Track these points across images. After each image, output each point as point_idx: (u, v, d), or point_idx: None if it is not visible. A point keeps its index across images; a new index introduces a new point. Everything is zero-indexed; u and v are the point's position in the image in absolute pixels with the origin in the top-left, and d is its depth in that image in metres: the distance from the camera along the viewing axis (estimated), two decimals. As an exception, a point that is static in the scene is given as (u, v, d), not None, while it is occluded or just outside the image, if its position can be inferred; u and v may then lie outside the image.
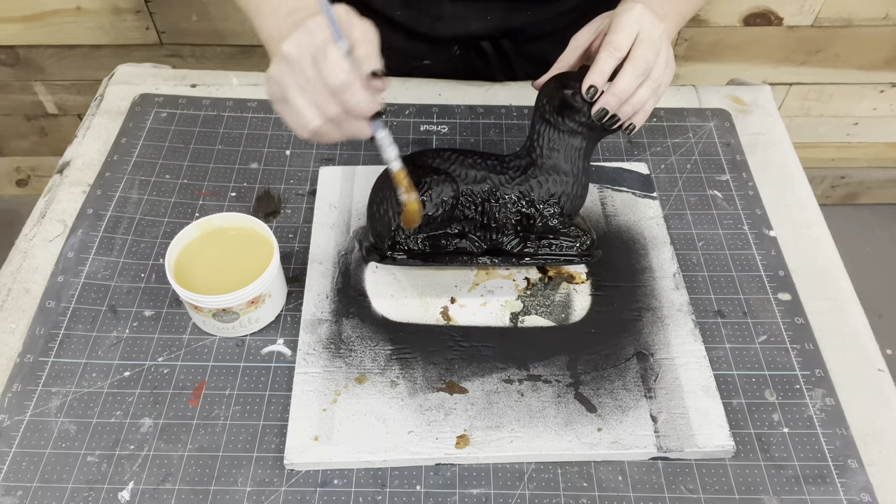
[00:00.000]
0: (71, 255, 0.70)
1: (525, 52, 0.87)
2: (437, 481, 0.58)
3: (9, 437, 0.59)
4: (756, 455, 0.59)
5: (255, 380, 0.63)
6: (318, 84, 0.51)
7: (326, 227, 0.72)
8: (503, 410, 0.60)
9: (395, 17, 0.84)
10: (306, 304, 0.66)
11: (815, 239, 0.74)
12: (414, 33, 0.85)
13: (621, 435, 0.59)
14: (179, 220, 0.73)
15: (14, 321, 0.65)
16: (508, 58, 0.87)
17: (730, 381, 0.63)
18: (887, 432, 0.61)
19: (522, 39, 0.86)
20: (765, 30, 1.40)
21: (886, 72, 1.50)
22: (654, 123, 0.84)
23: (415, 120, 0.84)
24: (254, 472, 0.58)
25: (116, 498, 0.56)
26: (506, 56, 0.87)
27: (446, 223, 0.65)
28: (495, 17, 0.82)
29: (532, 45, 0.87)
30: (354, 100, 0.51)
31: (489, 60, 0.87)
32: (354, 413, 0.60)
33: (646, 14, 0.58)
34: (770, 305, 0.68)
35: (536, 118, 0.63)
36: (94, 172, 0.77)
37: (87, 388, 0.62)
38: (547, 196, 0.64)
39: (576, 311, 0.67)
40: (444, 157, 0.64)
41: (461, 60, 0.88)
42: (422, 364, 0.63)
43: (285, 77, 0.52)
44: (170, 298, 0.67)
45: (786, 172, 0.80)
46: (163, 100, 0.85)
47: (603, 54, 0.58)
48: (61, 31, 1.37)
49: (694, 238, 0.74)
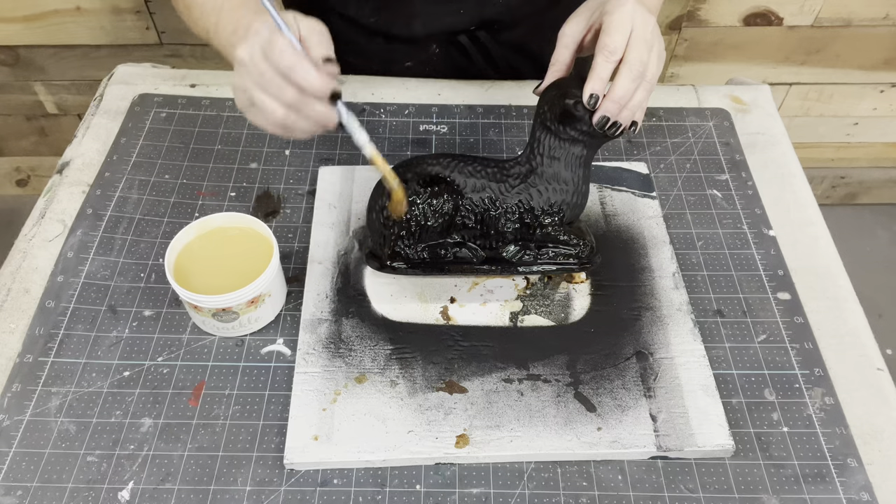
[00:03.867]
0: (70, 254, 0.70)
1: (504, 42, 0.87)
2: (436, 481, 0.58)
3: (8, 436, 0.59)
4: (755, 454, 0.59)
5: (255, 379, 0.63)
6: (272, 73, 0.53)
7: (326, 227, 0.72)
8: (503, 410, 0.60)
9: (370, 24, 0.84)
10: (306, 304, 0.66)
11: (814, 238, 0.74)
12: (391, 36, 0.85)
13: (621, 434, 0.59)
14: (179, 219, 0.74)
15: (14, 321, 0.65)
16: (488, 50, 0.87)
17: (729, 381, 0.63)
18: (886, 431, 0.61)
19: (499, 29, 0.86)
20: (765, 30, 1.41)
21: (886, 72, 1.50)
22: (654, 123, 0.84)
23: (414, 120, 0.84)
24: (253, 471, 0.58)
25: (116, 498, 0.56)
26: (485, 48, 0.87)
27: (446, 233, 0.65)
28: (468, 10, 0.82)
29: (509, 34, 0.87)
30: (307, 79, 0.53)
31: (470, 55, 0.87)
32: (354, 413, 0.60)
33: (637, 10, 0.57)
34: (769, 305, 0.68)
35: (537, 125, 0.63)
36: (94, 172, 0.77)
37: (87, 388, 0.62)
38: (547, 205, 0.64)
39: (575, 310, 0.67)
40: (443, 163, 0.64)
41: (442, 59, 0.88)
42: (421, 364, 0.63)
43: (244, 79, 0.55)
44: (169, 298, 0.67)
45: (785, 172, 0.80)
46: (162, 100, 0.85)
47: (600, 59, 0.57)
48: (61, 31, 1.38)
49: (693, 237, 0.74)
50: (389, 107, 0.85)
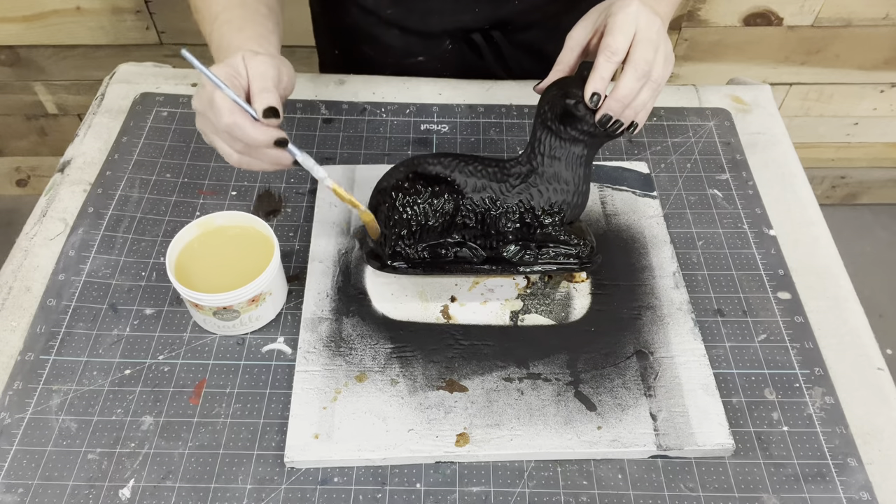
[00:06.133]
0: (72, 253, 0.70)
1: (517, 43, 0.87)
2: (436, 479, 0.58)
3: (10, 434, 0.59)
4: (755, 453, 0.59)
5: (256, 378, 0.63)
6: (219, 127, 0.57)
7: (327, 226, 0.72)
8: (503, 409, 0.60)
9: (387, 16, 0.85)
10: (307, 303, 0.66)
11: (814, 238, 0.74)
12: (406, 29, 0.86)
13: (621, 433, 0.59)
14: (180, 218, 0.74)
15: (15, 319, 0.65)
16: (501, 50, 0.87)
17: (729, 380, 0.63)
18: (887, 431, 0.61)
19: (513, 30, 0.86)
20: (765, 30, 1.41)
21: (886, 72, 1.50)
22: (655, 123, 0.84)
23: (415, 119, 0.84)
24: (254, 469, 0.58)
25: (117, 495, 0.56)
26: (498, 48, 0.87)
27: (446, 232, 0.65)
28: (483, 9, 0.83)
29: (523, 35, 0.87)
30: (247, 136, 0.57)
31: (482, 53, 0.87)
32: (355, 411, 0.60)
33: (642, 11, 0.57)
34: (770, 304, 0.69)
35: (538, 125, 0.63)
36: (95, 171, 0.77)
37: (88, 386, 0.62)
38: (547, 205, 0.64)
39: (576, 309, 0.67)
40: (444, 163, 0.64)
41: (455, 55, 0.88)
42: (422, 362, 0.63)
43: (200, 125, 0.60)
44: (170, 297, 0.68)
45: (786, 172, 0.80)
46: (164, 99, 0.85)
47: (601, 59, 0.57)
48: (61, 31, 1.38)
49: (694, 237, 0.74)
50: (390, 106, 0.85)
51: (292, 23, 0.79)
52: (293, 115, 0.84)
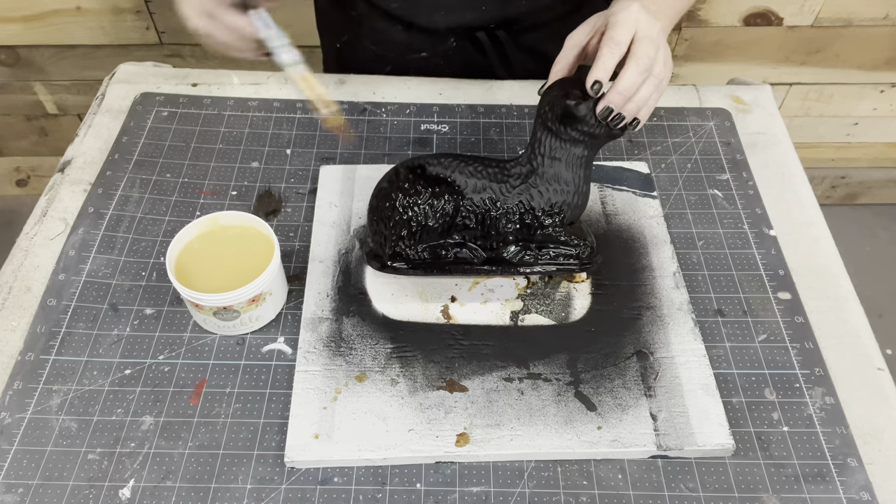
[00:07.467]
0: (72, 253, 0.70)
1: (521, 44, 0.88)
2: (437, 479, 0.58)
3: (10, 434, 0.59)
4: (756, 453, 0.59)
5: (256, 378, 0.63)
6: None
7: (327, 226, 0.72)
8: (503, 409, 0.60)
9: (393, 10, 0.85)
10: (307, 303, 0.66)
11: (815, 238, 0.74)
12: (411, 25, 0.86)
13: (621, 433, 0.59)
14: (180, 218, 0.74)
15: (15, 319, 0.65)
16: (505, 49, 0.87)
17: (729, 380, 0.63)
18: (887, 431, 0.61)
19: (518, 30, 0.86)
20: (765, 30, 1.41)
21: (886, 72, 1.50)
22: (655, 123, 0.84)
23: (415, 119, 0.84)
24: (254, 469, 0.58)
25: (117, 495, 0.56)
26: (502, 48, 0.87)
27: (446, 233, 0.65)
28: (490, 8, 0.83)
29: (528, 36, 0.87)
30: None
31: (486, 52, 0.87)
32: (355, 411, 0.60)
33: (642, 12, 0.58)
34: (770, 304, 0.69)
35: (538, 125, 0.63)
36: (96, 171, 0.77)
37: (88, 385, 0.62)
38: (548, 206, 0.64)
39: (576, 309, 0.67)
40: (444, 164, 0.64)
41: (458, 53, 0.88)
42: (422, 362, 0.63)
43: None
44: (171, 297, 0.68)
45: (786, 172, 0.80)
46: (164, 99, 0.85)
47: (605, 50, 0.58)
48: (61, 31, 1.38)
49: (694, 237, 0.74)
50: (391, 106, 0.85)
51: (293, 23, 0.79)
52: (293, 115, 0.84)
